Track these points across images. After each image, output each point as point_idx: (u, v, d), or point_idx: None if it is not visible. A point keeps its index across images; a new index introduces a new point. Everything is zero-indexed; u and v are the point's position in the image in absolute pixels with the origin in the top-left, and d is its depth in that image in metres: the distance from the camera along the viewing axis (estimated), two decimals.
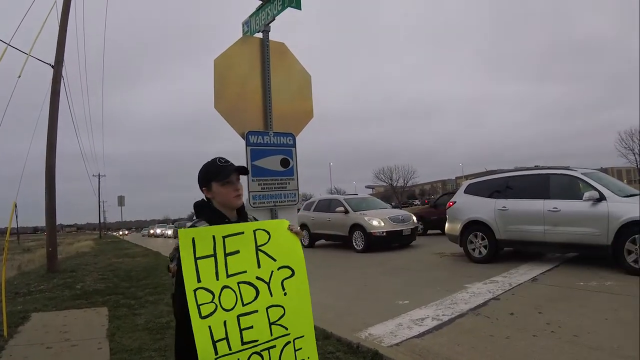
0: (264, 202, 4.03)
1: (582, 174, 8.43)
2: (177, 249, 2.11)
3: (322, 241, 16.35)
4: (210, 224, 2.14)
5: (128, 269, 13.08)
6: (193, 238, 1.95)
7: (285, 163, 4.17)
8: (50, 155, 13.38)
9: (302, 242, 2.40)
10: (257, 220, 2.41)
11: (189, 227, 2.09)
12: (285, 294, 2.12)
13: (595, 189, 7.89)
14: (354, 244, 14.05)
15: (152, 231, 61.35)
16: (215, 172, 2.24)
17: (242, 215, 2.35)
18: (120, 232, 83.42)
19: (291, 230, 2.33)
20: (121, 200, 50.86)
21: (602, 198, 7.75)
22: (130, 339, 5.33)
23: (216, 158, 2.31)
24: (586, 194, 7.90)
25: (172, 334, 5.41)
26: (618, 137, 66.79)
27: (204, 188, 2.28)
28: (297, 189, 4.30)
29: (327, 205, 15.87)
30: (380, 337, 4.99)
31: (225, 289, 1.93)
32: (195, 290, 1.87)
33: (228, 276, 1.97)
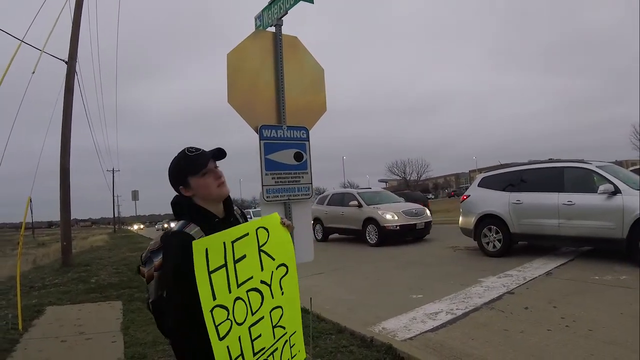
0: (277, 196, 4.03)
1: (596, 166, 8.34)
2: (153, 251, 1.96)
3: (336, 235, 16.31)
4: (200, 227, 1.86)
5: None
6: (206, 249, 1.70)
7: (298, 157, 4.16)
8: (64, 150, 13.50)
9: (315, 236, 2.30)
10: (241, 211, 2.23)
11: (175, 231, 1.85)
12: (282, 293, 2.01)
13: (610, 182, 7.82)
14: (367, 237, 14.02)
15: (166, 225, 61.81)
16: (190, 164, 1.91)
17: (228, 208, 2.05)
18: (136, 227, 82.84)
19: (283, 223, 2.14)
20: (135, 195, 51.06)
21: (617, 191, 7.67)
22: (144, 333, 5.38)
23: (184, 149, 1.96)
24: (601, 187, 7.83)
25: None
26: (632, 130, 66.18)
27: (180, 187, 1.93)
28: (311, 183, 4.29)
29: (340, 199, 15.84)
30: (394, 331, 4.99)
31: (237, 301, 1.77)
32: (212, 310, 1.67)
33: (238, 286, 1.79)
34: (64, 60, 13.80)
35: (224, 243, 1.77)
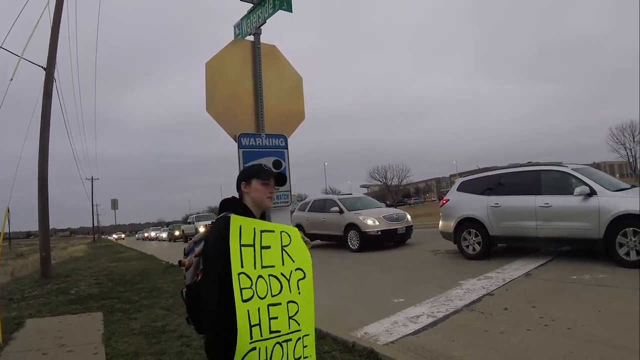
0: None
1: (572, 169, 8.48)
2: (195, 242, 2.17)
3: (318, 241, 16.24)
4: None
5: (123, 273, 13.04)
6: (240, 226, 2.04)
7: (277, 165, 4.18)
8: (43, 158, 13.27)
9: None
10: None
11: (220, 216, 2.20)
12: (299, 292, 2.21)
13: (586, 184, 7.96)
14: (349, 243, 14.04)
15: (146, 234, 61.00)
16: (259, 172, 2.42)
17: (263, 217, 2.52)
18: (115, 236, 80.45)
19: (302, 239, 2.43)
20: (115, 204, 50.65)
21: (592, 193, 7.81)
22: (126, 344, 5.34)
23: (261, 164, 2.63)
24: (577, 189, 7.97)
25: (167, 337, 5.44)
26: (609, 133, 68.01)
27: (243, 182, 2.41)
28: (290, 191, 4.31)
29: (321, 206, 15.84)
30: (376, 336, 5.01)
31: (259, 279, 2.03)
32: (239, 274, 1.96)
33: (262, 267, 2.07)
34: (42, 67, 13.62)
35: (254, 229, 2.09)
